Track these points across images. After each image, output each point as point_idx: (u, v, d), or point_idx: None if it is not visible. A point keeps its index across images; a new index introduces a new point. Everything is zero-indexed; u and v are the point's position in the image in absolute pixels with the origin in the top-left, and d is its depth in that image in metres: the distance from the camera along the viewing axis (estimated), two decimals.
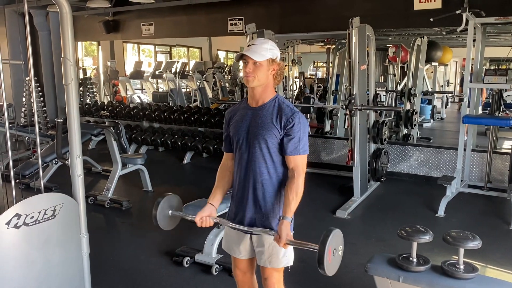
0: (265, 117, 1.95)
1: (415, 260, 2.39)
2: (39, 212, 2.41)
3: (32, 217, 2.37)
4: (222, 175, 2.15)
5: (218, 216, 2.13)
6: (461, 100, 4.73)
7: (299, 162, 1.94)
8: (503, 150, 5.83)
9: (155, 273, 3.29)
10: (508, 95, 10.82)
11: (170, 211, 2.16)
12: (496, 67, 12.55)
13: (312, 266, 3.31)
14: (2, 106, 5.77)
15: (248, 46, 1.94)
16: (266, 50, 1.91)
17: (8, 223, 2.27)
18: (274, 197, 2.00)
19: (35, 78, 7.37)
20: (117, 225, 4.54)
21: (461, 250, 2.30)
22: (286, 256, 2.04)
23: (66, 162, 2.79)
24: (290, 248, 2.04)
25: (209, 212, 2.06)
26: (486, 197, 4.90)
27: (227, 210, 2.26)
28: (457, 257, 2.32)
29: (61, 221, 2.54)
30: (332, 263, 1.80)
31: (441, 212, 4.47)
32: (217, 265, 3.22)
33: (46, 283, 2.51)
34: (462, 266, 2.29)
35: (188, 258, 3.36)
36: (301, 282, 3.08)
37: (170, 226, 2.20)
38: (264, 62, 1.91)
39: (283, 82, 7.78)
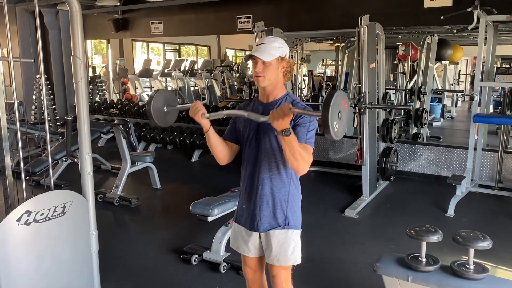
0: None
1: (424, 260, 2.36)
2: (49, 209, 2.43)
3: (42, 214, 2.40)
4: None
5: (228, 215, 2.12)
6: (471, 98, 4.68)
7: (307, 147, 1.89)
8: None
9: (163, 271, 3.30)
10: None
11: (165, 106, 2.12)
12: (508, 65, 12.41)
13: (320, 265, 3.33)
14: (13, 104, 5.82)
15: (257, 45, 1.93)
16: (275, 48, 1.91)
17: (18, 220, 2.30)
18: (283, 193, 1.99)
19: (45, 76, 7.44)
20: (126, 223, 4.56)
21: (471, 250, 2.27)
22: (294, 254, 2.03)
23: (75, 159, 2.81)
24: (298, 247, 2.04)
25: (205, 109, 2.01)
26: (496, 197, 4.85)
27: (235, 208, 2.26)
28: (467, 257, 2.30)
29: (71, 218, 2.56)
30: (339, 128, 1.70)
31: (451, 211, 4.43)
32: (225, 263, 3.22)
33: (56, 280, 2.53)
34: (472, 267, 2.26)
35: (196, 256, 3.37)
36: (309, 281, 3.07)
37: (167, 122, 2.17)
38: (274, 61, 1.90)
39: (291, 80, 7.77)
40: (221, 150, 2.06)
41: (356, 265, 3.36)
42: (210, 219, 3.24)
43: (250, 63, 1.96)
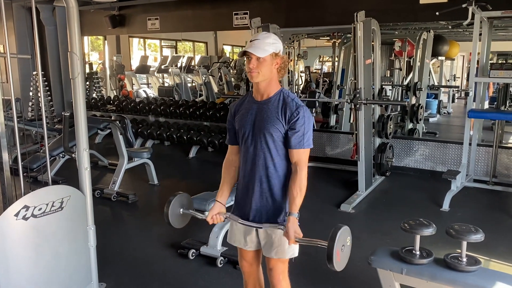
0: (270, 111, 1.97)
1: (418, 253, 2.40)
2: (47, 204, 2.46)
3: (40, 209, 2.42)
4: (228, 170, 2.18)
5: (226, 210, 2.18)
6: (466, 94, 4.72)
7: (302, 156, 1.96)
8: (509, 145, 5.81)
9: (160, 265, 3.33)
10: None
11: (181, 210, 2.22)
12: (504, 61, 12.46)
13: (316, 258, 3.35)
14: (10, 100, 5.83)
15: (251, 41, 1.94)
16: (269, 44, 1.92)
17: (16, 215, 2.32)
18: (280, 190, 2.02)
19: (42, 72, 7.43)
20: (123, 218, 4.59)
21: (464, 243, 2.31)
22: (292, 248, 2.07)
23: (73, 155, 2.83)
24: None
25: (218, 209, 2.13)
26: (491, 192, 4.90)
27: (232, 202, 2.29)
28: (460, 250, 2.34)
29: (69, 213, 2.59)
30: (341, 260, 1.86)
31: (445, 206, 4.47)
32: (222, 257, 3.26)
33: (54, 274, 2.56)
34: (464, 259, 2.30)
35: (194, 250, 3.40)
36: (306, 274, 3.11)
37: (181, 224, 2.26)
38: (267, 57, 1.91)
39: (288, 76, 7.78)
40: (235, 177, 2.19)
41: (351, 258, 3.34)
42: (207, 213, 3.26)
43: (246, 61, 1.97)
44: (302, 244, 1.95)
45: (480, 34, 4.74)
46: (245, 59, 1.96)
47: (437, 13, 4.70)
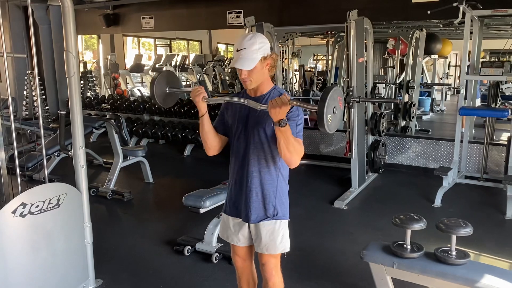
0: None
1: (409, 247, 2.45)
2: (44, 202, 2.49)
3: (37, 206, 2.45)
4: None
5: (219, 208, 2.17)
6: (458, 92, 4.78)
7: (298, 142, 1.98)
8: (500, 142, 5.88)
9: (156, 262, 3.36)
10: (508, 87, 10.86)
11: (167, 88, 2.17)
12: (496, 59, 12.56)
13: (309, 254, 3.41)
14: (5, 99, 5.83)
15: (237, 51, 1.93)
16: (256, 51, 1.91)
17: (14, 212, 2.35)
18: (271, 185, 2.05)
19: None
20: (119, 216, 4.62)
21: (453, 237, 2.36)
22: (283, 243, 2.10)
23: (69, 153, 2.86)
24: (287, 235, 2.11)
25: (204, 93, 2.02)
26: (482, 188, 4.97)
27: (225, 200, 2.32)
28: (450, 245, 2.39)
29: (65, 210, 2.62)
30: (332, 120, 1.79)
31: (437, 202, 4.54)
32: (217, 254, 3.30)
33: (51, 270, 2.59)
34: (454, 253, 2.35)
35: (189, 247, 3.44)
36: (299, 270, 3.15)
37: (167, 103, 2.21)
38: (257, 64, 1.92)
39: (283, 75, 7.82)
40: (212, 138, 2.10)
41: (344, 253, 3.46)
42: (202, 211, 3.31)
43: (238, 71, 1.99)
44: (296, 105, 1.85)
45: (471, 33, 4.81)
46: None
47: (428, 12, 4.76)
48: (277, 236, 2.08)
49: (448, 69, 12.89)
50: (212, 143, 2.11)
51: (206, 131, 2.07)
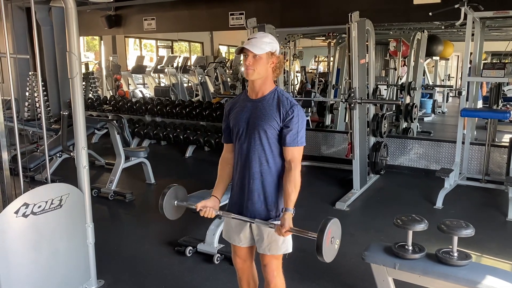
0: (264, 109, 2.01)
1: (410, 248, 2.45)
2: (46, 202, 2.49)
3: (39, 207, 2.46)
4: (224, 168, 2.22)
5: (220, 208, 2.20)
6: (460, 93, 4.78)
7: (296, 154, 2.00)
8: (501, 143, 5.88)
9: (158, 262, 3.37)
10: (509, 89, 10.85)
11: (175, 201, 2.24)
12: (498, 61, 12.54)
13: (311, 255, 3.40)
14: (7, 100, 5.85)
15: (248, 39, 1.99)
16: (266, 43, 1.96)
17: (16, 212, 2.36)
18: (273, 187, 2.06)
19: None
20: (120, 216, 4.62)
21: (455, 238, 2.36)
22: (285, 244, 2.11)
23: (71, 154, 2.87)
24: (289, 236, 2.11)
25: (212, 204, 2.14)
26: (484, 189, 4.96)
27: (227, 201, 2.33)
28: (451, 246, 2.39)
29: (67, 211, 2.63)
30: (330, 250, 1.88)
31: (439, 204, 4.53)
32: (218, 255, 3.30)
33: (53, 270, 2.60)
34: (456, 254, 2.35)
35: (190, 247, 3.44)
36: (300, 271, 3.16)
37: (175, 216, 2.28)
38: (264, 55, 1.96)
39: (284, 76, 7.83)
40: (230, 176, 2.22)
41: (346, 254, 3.44)
42: None
43: (242, 58, 2.01)
44: (294, 234, 1.98)
45: (473, 34, 4.81)
46: (241, 58, 2.00)
47: (430, 14, 4.76)
48: (280, 237, 2.08)
49: (451, 70, 12.89)
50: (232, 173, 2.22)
51: (226, 186, 2.24)
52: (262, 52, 1.95)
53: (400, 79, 9.12)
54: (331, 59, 8.71)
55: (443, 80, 12.74)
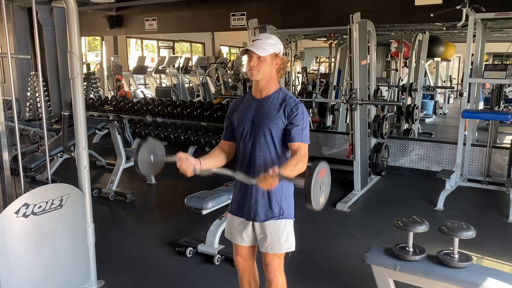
0: (269, 107, 2.03)
1: (411, 249, 2.45)
2: (47, 202, 2.49)
3: (40, 207, 2.46)
4: (217, 152, 2.19)
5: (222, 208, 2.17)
6: (460, 94, 4.78)
7: (302, 149, 1.99)
8: (503, 145, 5.87)
9: (158, 263, 3.37)
10: (511, 91, 10.84)
11: (152, 156, 2.11)
12: (500, 62, 12.53)
13: (311, 256, 3.41)
14: (8, 100, 5.85)
15: (253, 41, 2.01)
16: (270, 45, 1.99)
17: (17, 212, 2.36)
18: (277, 186, 2.05)
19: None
20: (121, 217, 4.62)
21: (456, 240, 2.36)
22: (288, 242, 2.11)
23: (72, 154, 2.87)
24: (292, 235, 2.12)
25: (194, 161, 2.00)
26: (485, 191, 4.95)
27: (229, 201, 2.33)
28: (452, 247, 2.38)
29: (68, 211, 2.63)
30: (318, 196, 1.80)
31: (440, 205, 4.53)
32: (219, 255, 3.30)
33: (53, 271, 2.60)
34: (456, 256, 2.35)
35: (191, 248, 3.44)
36: (301, 271, 3.15)
37: (152, 172, 2.17)
38: (268, 56, 1.98)
39: (285, 77, 7.83)
40: (222, 161, 2.16)
41: (346, 256, 3.45)
42: (204, 212, 3.31)
43: (244, 60, 2.03)
44: (282, 179, 1.86)
45: (474, 36, 4.80)
46: (243, 58, 2.01)
47: (431, 15, 4.76)
48: (282, 236, 2.09)
49: (452, 71, 12.88)
50: (224, 162, 2.17)
51: (215, 166, 2.09)
52: (267, 54, 1.97)
53: (402, 80, 9.11)
54: (332, 60, 8.71)
55: (444, 82, 12.73)
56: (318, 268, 3.26)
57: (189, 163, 1.97)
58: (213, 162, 2.11)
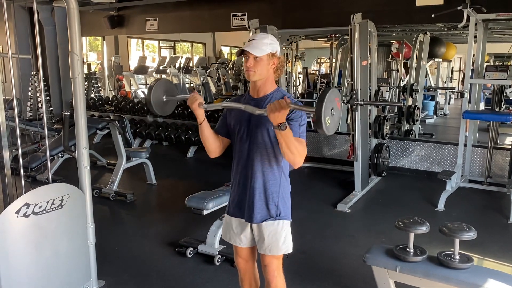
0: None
1: (412, 250, 2.44)
2: (47, 202, 2.49)
3: (40, 207, 2.46)
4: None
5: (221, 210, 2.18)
6: (461, 95, 4.77)
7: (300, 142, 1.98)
8: (504, 146, 5.86)
9: (159, 263, 3.36)
10: None
11: (164, 96, 2.14)
12: (501, 63, 12.52)
13: (311, 257, 3.41)
14: (9, 100, 5.86)
15: (249, 41, 2.00)
16: (266, 45, 1.97)
17: (17, 212, 2.36)
18: (275, 185, 2.06)
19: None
20: (122, 217, 4.62)
21: (457, 241, 2.35)
22: (285, 244, 2.10)
23: (73, 154, 2.87)
24: (289, 236, 2.12)
25: (201, 99, 2.06)
26: (486, 192, 4.94)
27: (227, 202, 2.32)
28: (453, 248, 2.38)
29: (68, 211, 2.63)
30: (330, 124, 1.79)
31: (440, 206, 4.52)
32: (219, 256, 3.30)
33: (54, 271, 2.60)
34: (457, 257, 2.34)
35: (191, 248, 3.43)
36: (301, 272, 3.15)
37: (165, 111, 2.19)
38: (264, 56, 1.96)
39: (286, 77, 7.83)
40: (213, 142, 2.14)
41: (347, 256, 3.45)
42: (205, 212, 3.31)
43: (244, 60, 2.01)
44: (295, 108, 1.83)
45: (476, 36, 4.80)
46: (243, 58, 2.00)
47: (433, 15, 4.76)
48: (280, 237, 2.08)
49: (452, 73, 12.86)
50: (212, 146, 2.15)
51: (206, 136, 2.11)
52: (263, 54, 1.96)
53: (402, 80, 9.10)
54: (333, 60, 8.72)
55: (445, 82, 12.72)
56: (319, 269, 3.26)
57: (200, 98, 2.04)
58: (211, 132, 2.13)
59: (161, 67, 11.58)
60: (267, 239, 2.08)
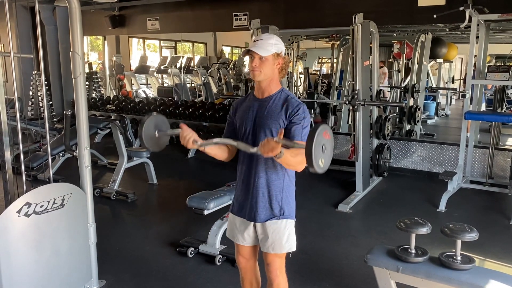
0: (271, 107, 2.03)
1: (413, 251, 2.44)
2: (49, 202, 2.49)
3: (41, 206, 2.46)
4: (223, 146, 2.15)
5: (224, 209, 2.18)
6: (463, 96, 4.77)
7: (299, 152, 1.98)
8: (505, 147, 5.85)
9: (160, 263, 3.36)
10: None
11: (156, 131, 2.10)
12: (502, 64, 12.50)
13: (313, 257, 3.40)
14: (10, 99, 5.86)
15: (254, 41, 2.01)
16: (272, 45, 1.98)
17: (19, 212, 2.36)
18: (278, 186, 2.07)
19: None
20: (123, 217, 4.62)
21: (459, 242, 2.35)
22: (289, 242, 2.11)
23: (74, 153, 2.87)
24: (293, 235, 2.12)
25: (196, 135, 1.98)
26: (487, 193, 4.94)
27: (230, 202, 2.33)
28: (455, 249, 2.37)
29: (70, 211, 2.63)
30: (325, 163, 1.79)
31: (442, 207, 4.51)
32: (220, 256, 3.29)
33: (55, 270, 2.60)
34: (459, 258, 2.34)
35: (192, 248, 3.43)
36: (302, 273, 3.14)
37: (157, 147, 2.14)
38: (270, 57, 1.98)
39: (287, 77, 7.82)
40: (222, 154, 2.15)
41: (348, 257, 3.44)
42: (206, 212, 3.31)
43: (246, 60, 2.02)
44: (282, 143, 1.80)
45: (477, 37, 4.79)
46: (245, 59, 2.01)
47: (434, 16, 4.75)
48: (283, 236, 2.09)
49: (454, 74, 12.85)
50: (223, 157, 2.16)
51: (214, 154, 2.12)
52: (268, 54, 1.97)
53: (403, 81, 9.10)
54: (335, 60, 8.71)
55: (446, 83, 12.71)
56: (320, 269, 3.25)
57: (192, 134, 1.96)
58: (215, 150, 2.11)
59: (162, 67, 11.58)
60: (270, 237, 2.08)
